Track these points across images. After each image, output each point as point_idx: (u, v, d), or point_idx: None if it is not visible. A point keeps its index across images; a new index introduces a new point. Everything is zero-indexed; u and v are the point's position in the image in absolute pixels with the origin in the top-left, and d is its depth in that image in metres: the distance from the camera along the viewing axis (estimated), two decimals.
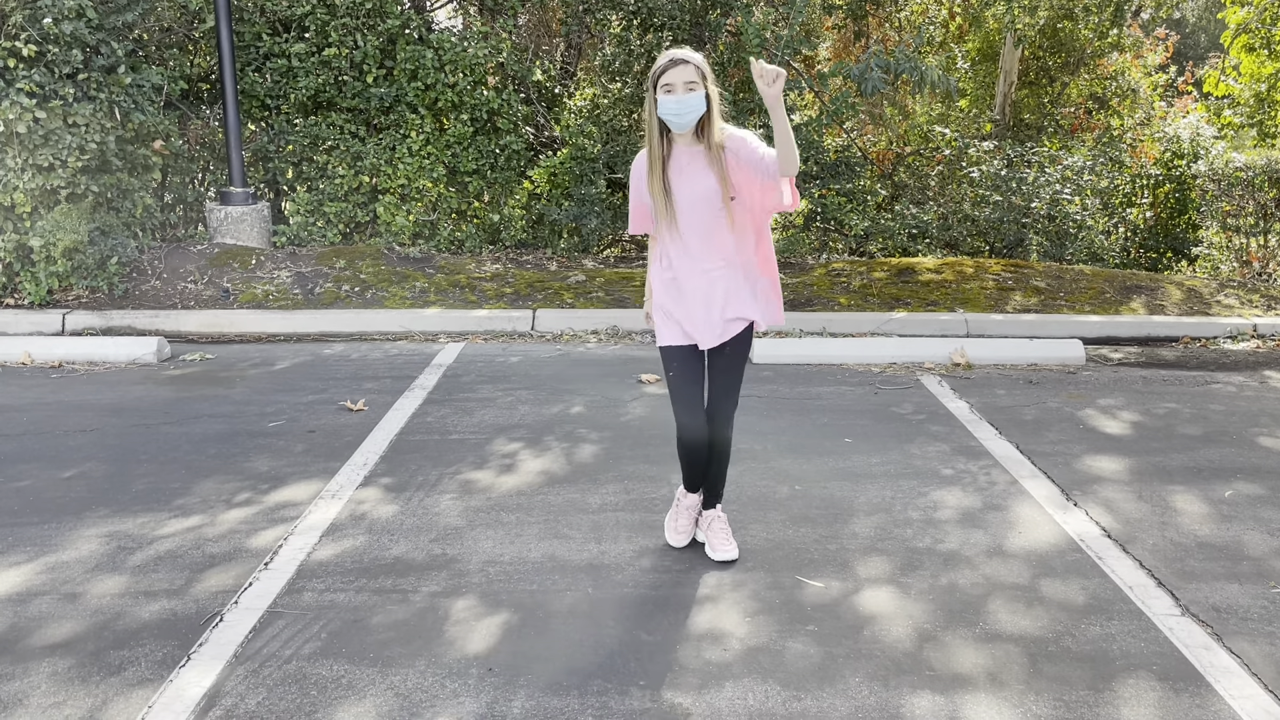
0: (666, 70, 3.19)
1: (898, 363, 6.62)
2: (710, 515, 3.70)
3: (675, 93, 3.18)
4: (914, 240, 9.73)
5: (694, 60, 3.20)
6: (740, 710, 2.71)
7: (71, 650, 2.99)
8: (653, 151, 3.31)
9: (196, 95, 9.27)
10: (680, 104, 3.19)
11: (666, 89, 3.19)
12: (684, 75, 3.17)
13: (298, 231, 8.93)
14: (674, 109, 3.20)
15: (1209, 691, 2.81)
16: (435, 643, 3.04)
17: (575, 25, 10.06)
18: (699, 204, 3.31)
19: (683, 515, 3.73)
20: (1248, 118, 12.36)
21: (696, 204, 3.31)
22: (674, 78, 3.18)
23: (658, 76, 3.21)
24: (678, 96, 3.18)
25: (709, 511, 3.71)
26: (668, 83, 3.19)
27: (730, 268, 3.39)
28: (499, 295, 8.02)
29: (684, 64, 3.18)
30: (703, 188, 3.30)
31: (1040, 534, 3.88)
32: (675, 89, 3.18)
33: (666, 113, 3.21)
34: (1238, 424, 5.32)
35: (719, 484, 3.68)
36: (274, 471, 4.50)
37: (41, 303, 7.55)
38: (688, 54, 3.21)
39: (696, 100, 3.20)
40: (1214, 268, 10.22)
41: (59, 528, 3.86)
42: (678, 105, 3.19)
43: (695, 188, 3.31)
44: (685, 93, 3.18)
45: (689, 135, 3.31)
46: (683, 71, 3.17)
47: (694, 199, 3.31)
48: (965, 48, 13.72)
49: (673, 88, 3.18)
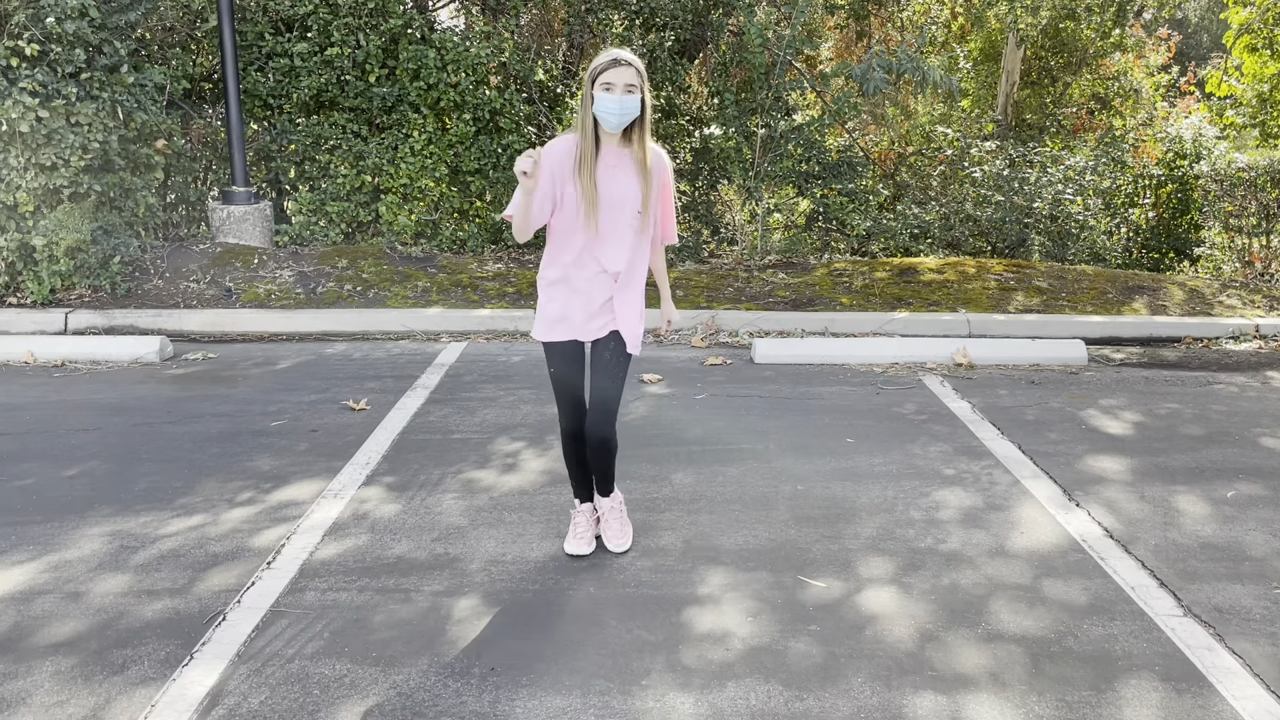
0: (608, 69, 3.17)
1: (900, 363, 6.62)
2: (604, 504, 3.69)
3: (614, 92, 3.17)
4: (916, 240, 9.72)
5: (635, 64, 3.20)
6: (742, 710, 2.71)
7: (74, 649, 2.99)
8: (585, 146, 3.26)
9: (199, 94, 9.28)
10: (619, 104, 3.18)
11: (606, 87, 3.18)
12: (625, 77, 3.17)
13: (300, 231, 8.93)
14: (612, 108, 3.19)
15: (1211, 692, 2.82)
16: (438, 642, 3.05)
17: (577, 25, 10.06)
18: (619, 206, 3.33)
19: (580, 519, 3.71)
20: (1250, 118, 12.35)
21: (616, 206, 3.33)
22: (615, 78, 3.16)
23: (598, 73, 3.19)
24: (617, 97, 3.17)
25: (603, 501, 3.69)
26: (608, 81, 3.17)
27: (627, 273, 3.42)
28: (501, 295, 8.02)
29: (626, 66, 3.17)
30: (625, 191, 3.33)
31: (1042, 534, 3.88)
32: (615, 89, 3.17)
33: (603, 110, 3.20)
34: (1240, 424, 5.32)
35: (611, 475, 3.65)
36: (276, 471, 4.50)
37: (44, 302, 7.56)
38: (630, 56, 3.21)
39: (633, 103, 3.20)
40: (1216, 268, 10.21)
41: (62, 526, 3.87)
42: (617, 105, 3.18)
43: (620, 189, 3.32)
44: (624, 94, 3.18)
45: (617, 137, 3.31)
46: (624, 73, 3.17)
47: (615, 200, 3.32)
48: (967, 47, 13.72)
49: (612, 87, 3.17)
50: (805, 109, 11.80)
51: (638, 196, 3.34)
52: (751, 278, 8.51)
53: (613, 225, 3.34)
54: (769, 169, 9.25)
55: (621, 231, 3.36)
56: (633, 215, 3.35)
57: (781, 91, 9.22)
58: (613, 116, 3.21)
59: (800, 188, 9.92)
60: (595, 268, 3.39)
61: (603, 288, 3.41)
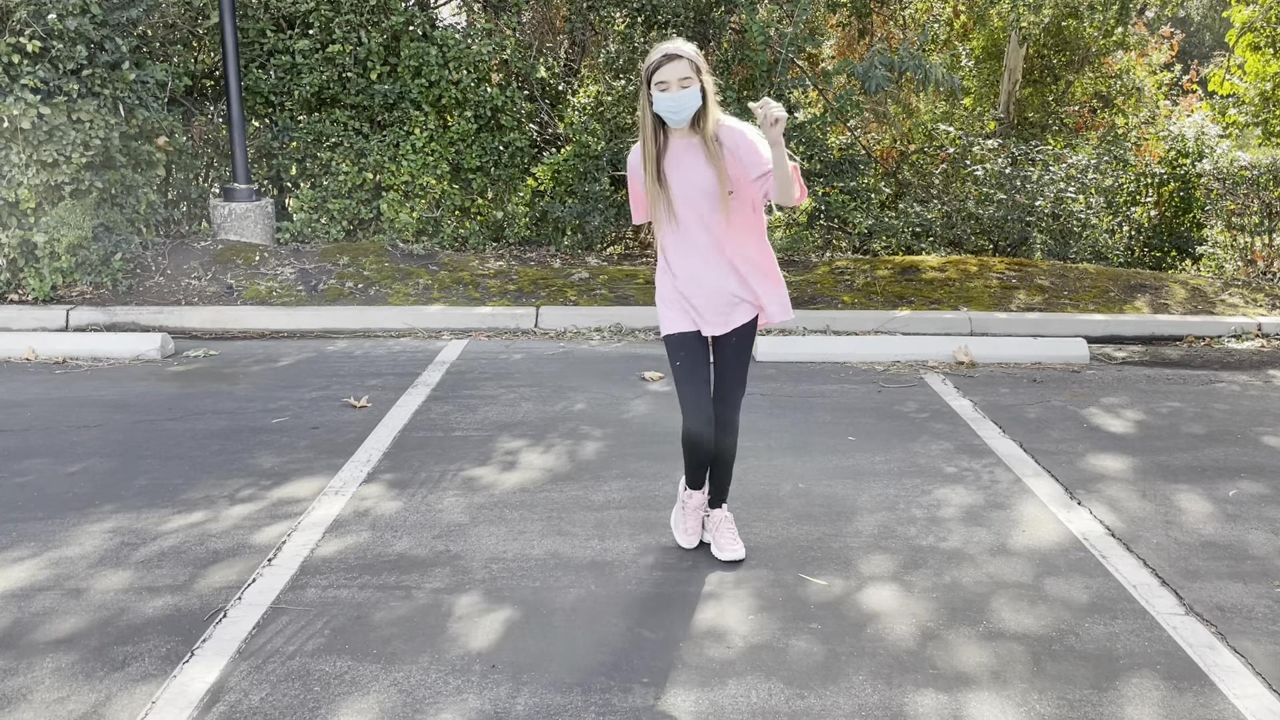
0: (661, 66, 3.14)
1: (901, 361, 6.62)
2: (718, 516, 3.66)
3: (670, 90, 3.14)
4: (918, 238, 9.72)
5: (687, 54, 3.15)
6: (743, 708, 2.71)
7: (75, 646, 2.99)
8: (647, 146, 3.26)
9: (200, 92, 9.28)
10: (676, 100, 3.15)
11: (661, 86, 3.15)
12: (678, 71, 3.13)
13: (301, 228, 8.93)
14: (670, 106, 3.16)
15: (1213, 691, 2.81)
16: (438, 639, 3.04)
17: (579, 22, 10.05)
18: (697, 197, 3.28)
19: (691, 516, 3.69)
20: (1252, 116, 12.33)
21: (694, 197, 3.28)
22: (668, 75, 3.13)
23: (651, 72, 3.16)
24: (673, 94, 3.15)
25: (716, 512, 3.67)
26: (662, 80, 3.14)
27: (729, 260, 3.35)
28: (502, 292, 8.02)
29: (678, 59, 3.13)
30: (700, 180, 3.27)
31: (1044, 532, 3.87)
32: (670, 86, 3.14)
33: (662, 109, 3.18)
34: (1242, 423, 5.31)
35: (725, 481, 3.64)
36: (278, 468, 4.50)
37: (46, 299, 7.56)
38: (680, 47, 3.17)
39: (691, 96, 3.16)
40: (1218, 267, 10.20)
41: (63, 523, 3.87)
42: (673, 102, 3.16)
43: (693, 180, 3.27)
44: (680, 89, 3.14)
45: (685, 128, 3.27)
46: (677, 67, 3.13)
47: (691, 192, 3.28)
48: (970, 45, 13.70)
49: (668, 85, 3.14)
50: (807, 107, 11.77)
51: (715, 183, 3.26)
52: None
53: (696, 216, 3.29)
54: None
55: (708, 221, 3.30)
56: (715, 204, 3.28)
57: (784, 89, 9.21)
58: (672, 114, 3.18)
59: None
60: (692, 257, 3.33)
61: (709, 277, 3.34)
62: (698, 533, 3.70)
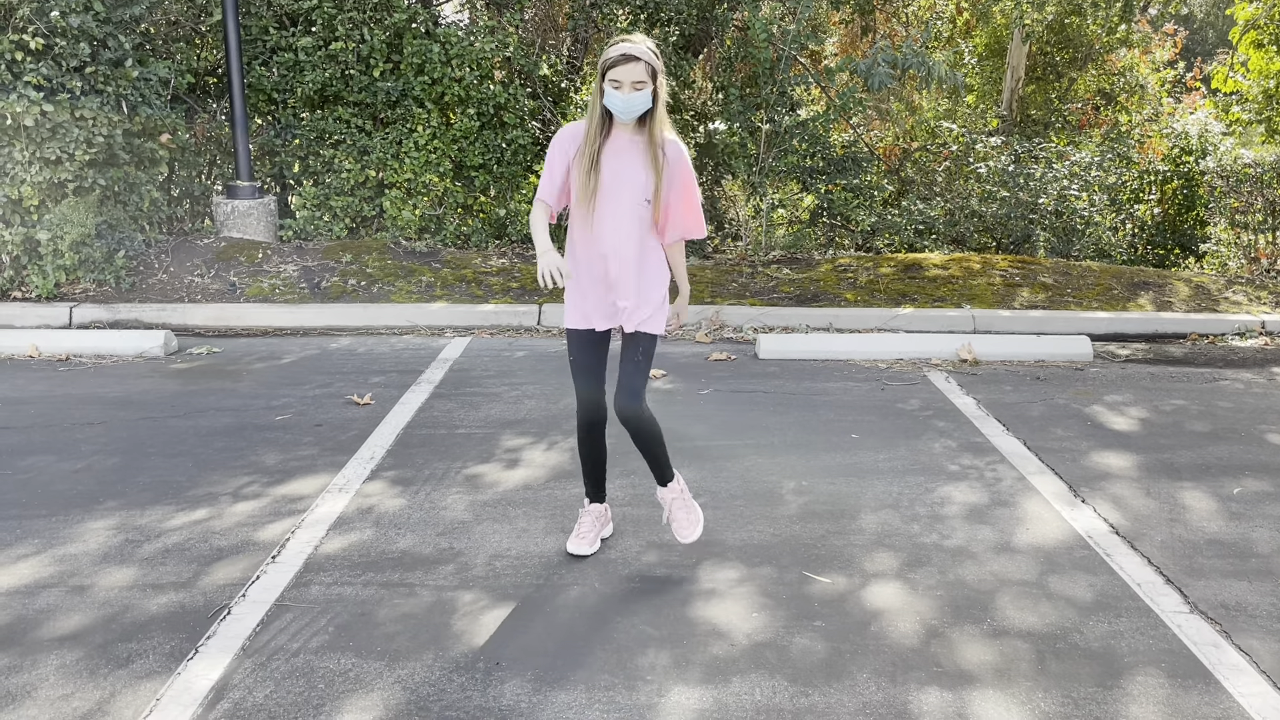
0: (617, 65, 3.13)
1: (904, 359, 6.61)
2: (665, 495, 3.58)
3: (622, 90, 3.14)
4: (921, 236, 9.71)
5: (645, 57, 3.14)
6: (747, 705, 2.70)
7: (80, 642, 2.99)
8: (591, 129, 3.24)
9: (203, 89, 9.28)
10: (626, 101, 3.15)
11: (614, 84, 3.15)
12: (633, 74, 3.12)
13: (304, 225, 8.94)
14: (619, 105, 3.17)
15: (1217, 689, 2.81)
16: (443, 636, 3.05)
17: (582, 19, 10.04)
18: (624, 190, 3.27)
19: (586, 519, 3.66)
20: (1256, 114, 12.31)
21: (621, 190, 3.27)
22: (622, 75, 3.12)
23: (606, 68, 3.15)
24: (624, 95, 3.15)
25: (663, 492, 3.59)
26: (615, 79, 3.14)
27: (632, 261, 3.34)
28: (505, 290, 8.02)
29: (634, 61, 3.12)
30: (634, 176, 3.28)
31: (1048, 530, 3.87)
32: (623, 86, 3.14)
33: (612, 107, 3.19)
34: (1246, 421, 5.30)
35: (661, 461, 3.54)
36: (281, 465, 4.51)
37: (49, 296, 7.56)
38: (639, 49, 3.14)
39: (642, 99, 3.17)
40: (1222, 264, 10.19)
41: (67, 520, 3.87)
42: (623, 103, 3.16)
43: (626, 174, 3.27)
44: (631, 91, 3.14)
45: (631, 124, 3.28)
46: (632, 70, 3.12)
47: (620, 184, 3.27)
48: (972, 43, 13.69)
49: (620, 85, 3.14)
50: (810, 104, 11.77)
51: (647, 184, 3.28)
52: (756, 273, 8.50)
53: (613, 210, 3.29)
54: (773, 164, 9.23)
55: (625, 217, 3.30)
56: (640, 203, 3.30)
57: (786, 87, 9.20)
58: (620, 113, 3.20)
59: (805, 183, 9.91)
60: (596, 250, 3.33)
61: (610, 270, 3.33)
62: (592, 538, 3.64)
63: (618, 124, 3.28)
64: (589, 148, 3.25)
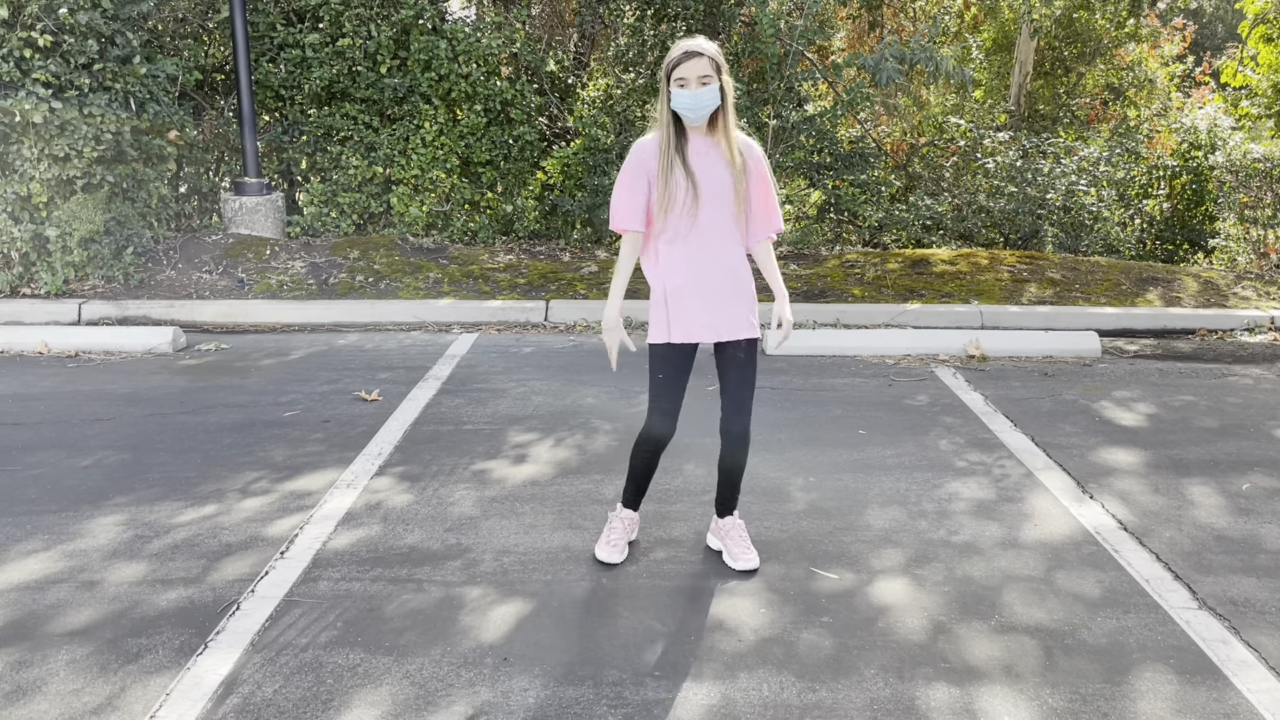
0: (681, 63, 3.10)
1: (912, 354, 6.60)
2: (728, 523, 3.57)
3: (689, 87, 3.11)
4: (928, 231, 9.69)
5: (708, 52, 3.12)
6: (754, 701, 2.71)
7: (90, 638, 3.01)
8: (667, 139, 3.18)
9: (211, 86, 9.30)
10: (694, 99, 3.12)
11: (680, 83, 3.12)
12: (698, 69, 3.10)
13: (312, 222, 8.95)
14: (688, 103, 3.12)
15: (1226, 685, 2.80)
16: (450, 632, 3.05)
17: (589, 15, 10.03)
18: (720, 194, 3.23)
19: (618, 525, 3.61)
20: (1265, 108, 12.24)
21: (718, 193, 3.22)
22: (688, 72, 3.10)
23: (671, 69, 3.13)
24: (692, 91, 3.11)
25: (726, 521, 3.58)
26: (681, 77, 3.11)
27: (736, 266, 3.30)
28: (512, 286, 8.02)
29: (698, 56, 3.10)
30: (722, 178, 3.22)
31: (1055, 526, 3.86)
32: (689, 83, 3.11)
33: (680, 106, 3.14)
34: (1255, 417, 5.29)
35: (738, 488, 3.54)
36: (289, 461, 4.52)
37: (58, 292, 7.59)
38: (702, 45, 3.13)
39: (710, 94, 3.13)
40: (1231, 260, 10.14)
41: (76, 516, 3.89)
42: (692, 100, 3.12)
43: (716, 176, 3.22)
44: (699, 87, 3.11)
45: (703, 127, 3.23)
46: (697, 65, 3.10)
47: (716, 188, 3.22)
48: (980, 38, 13.64)
49: (686, 82, 3.11)
50: (817, 99, 11.74)
51: (734, 184, 3.23)
52: None
53: (717, 214, 3.23)
54: (781, 160, 9.21)
55: (726, 220, 3.25)
56: (733, 203, 3.24)
57: (794, 82, 9.18)
58: (690, 111, 3.14)
59: (812, 179, 9.89)
60: (710, 257, 3.25)
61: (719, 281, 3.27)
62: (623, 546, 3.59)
63: (690, 131, 3.22)
64: (671, 157, 3.18)
